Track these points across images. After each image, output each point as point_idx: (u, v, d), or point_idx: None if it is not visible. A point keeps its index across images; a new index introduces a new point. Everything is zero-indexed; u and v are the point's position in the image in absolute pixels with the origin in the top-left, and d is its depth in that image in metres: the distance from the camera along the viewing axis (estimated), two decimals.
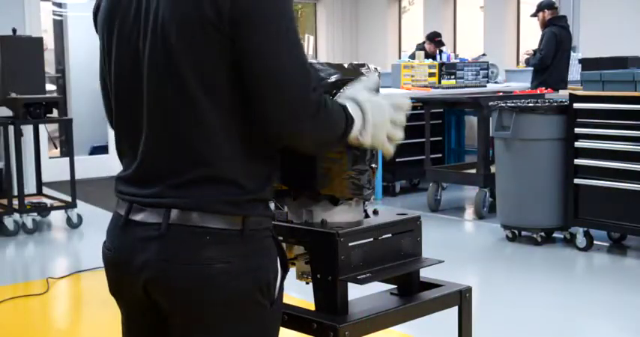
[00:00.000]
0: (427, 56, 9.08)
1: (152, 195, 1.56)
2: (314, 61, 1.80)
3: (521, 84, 8.71)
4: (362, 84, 1.73)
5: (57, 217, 6.96)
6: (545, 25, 8.05)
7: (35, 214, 6.56)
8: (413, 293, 1.96)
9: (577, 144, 5.45)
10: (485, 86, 8.86)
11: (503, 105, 5.73)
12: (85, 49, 8.75)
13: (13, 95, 6.38)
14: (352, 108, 1.65)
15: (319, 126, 1.56)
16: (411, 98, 7.64)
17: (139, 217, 1.58)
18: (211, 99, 1.51)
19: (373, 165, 1.84)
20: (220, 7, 1.47)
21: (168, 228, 1.53)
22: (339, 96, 1.70)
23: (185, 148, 1.54)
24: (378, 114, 1.68)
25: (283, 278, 1.66)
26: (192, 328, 1.57)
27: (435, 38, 9.68)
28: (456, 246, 5.92)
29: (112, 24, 1.63)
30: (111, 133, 1.89)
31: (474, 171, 7.05)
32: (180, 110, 1.53)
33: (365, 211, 1.92)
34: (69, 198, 6.65)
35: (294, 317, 1.82)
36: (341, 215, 1.85)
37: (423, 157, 7.43)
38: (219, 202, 1.53)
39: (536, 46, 8.19)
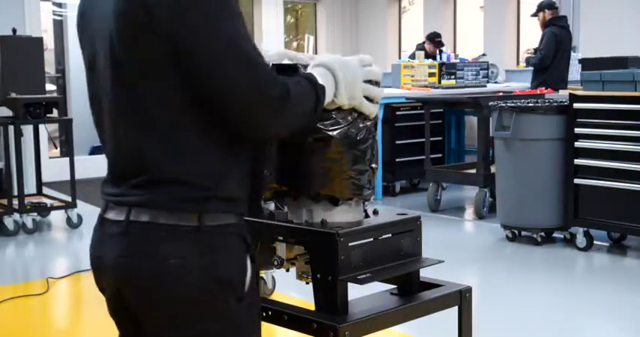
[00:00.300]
0: (427, 56, 9.08)
1: (119, 194, 1.61)
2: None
3: (521, 84, 8.71)
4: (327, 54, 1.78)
5: (57, 217, 6.95)
6: (545, 25, 8.05)
7: (35, 214, 6.56)
8: (413, 293, 1.96)
9: (577, 144, 5.45)
10: (485, 86, 8.86)
11: (503, 105, 5.73)
12: None
13: (13, 95, 6.38)
14: (321, 74, 1.67)
15: (289, 117, 1.59)
16: (411, 98, 7.68)
17: (109, 215, 1.63)
18: (157, 101, 1.52)
19: (373, 165, 1.85)
20: (150, 5, 1.46)
21: (129, 225, 1.57)
22: (309, 67, 1.72)
23: (136, 153, 1.56)
24: (348, 73, 1.70)
25: (252, 273, 1.65)
26: (156, 325, 1.60)
27: (434, 38, 9.67)
28: (456, 246, 5.91)
29: (83, 42, 1.69)
30: None
31: (474, 171, 7.05)
32: (128, 113, 1.56)
33: (365, 211, 1.92)
34: (69, 198, 6.65)
35: (294, 317, 1.82)
36: (341, 215, 1.85)
37: (423, 157, 7.43)
38: (175, 201, 1.55)
39: (536, 46, 8.19)
